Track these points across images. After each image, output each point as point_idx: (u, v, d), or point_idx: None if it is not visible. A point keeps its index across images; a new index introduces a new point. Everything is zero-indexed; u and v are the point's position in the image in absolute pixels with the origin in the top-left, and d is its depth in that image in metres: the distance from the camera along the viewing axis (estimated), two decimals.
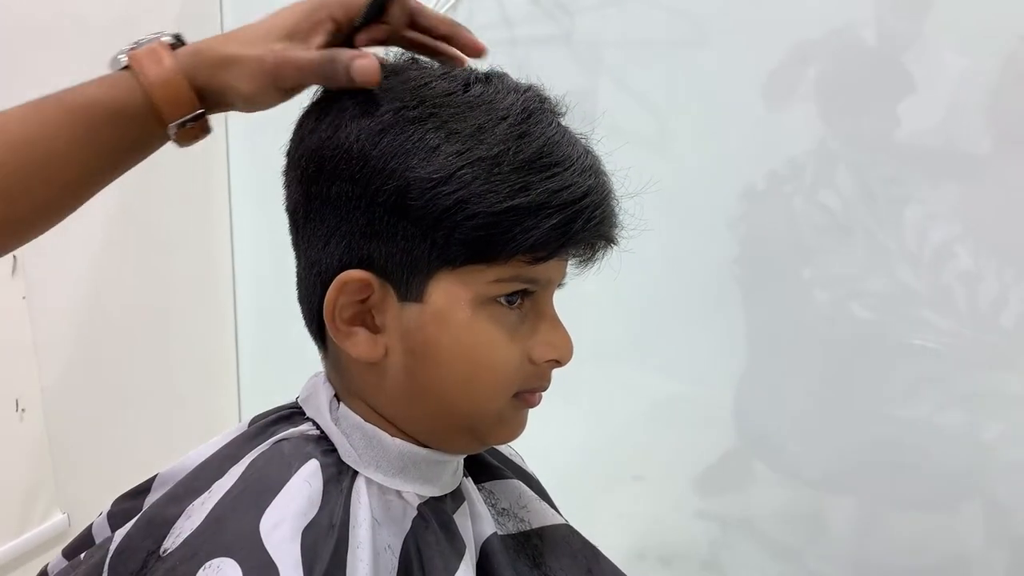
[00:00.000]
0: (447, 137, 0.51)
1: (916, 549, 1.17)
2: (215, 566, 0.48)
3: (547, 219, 0.51)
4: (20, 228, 0.56)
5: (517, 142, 0.52)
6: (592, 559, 0.64)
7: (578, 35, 1.29)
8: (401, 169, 0.51)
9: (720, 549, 1.34)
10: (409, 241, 0.52)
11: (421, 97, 0.53)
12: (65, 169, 0.55)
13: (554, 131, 0.54)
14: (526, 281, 0.55)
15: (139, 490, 0.63)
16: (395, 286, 0.54)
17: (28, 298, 1.27)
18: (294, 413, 0.61)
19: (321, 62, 0.54)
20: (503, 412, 0.58)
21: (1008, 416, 1.11)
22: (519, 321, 0.56)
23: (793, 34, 1.13)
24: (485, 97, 0.54)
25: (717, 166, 1.19)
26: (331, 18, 0.57)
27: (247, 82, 0.55)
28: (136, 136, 0.56)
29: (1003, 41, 1.02)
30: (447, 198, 0.50)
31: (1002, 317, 1.08)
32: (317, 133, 0.54)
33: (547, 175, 0.52)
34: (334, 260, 0.54)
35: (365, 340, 0.55)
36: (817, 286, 1.19)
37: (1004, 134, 1.05)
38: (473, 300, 0.54)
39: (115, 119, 0.55)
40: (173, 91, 0.55)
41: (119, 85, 0.55)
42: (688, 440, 1.34)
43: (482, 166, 0.51)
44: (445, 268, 0.53)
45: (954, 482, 1.14)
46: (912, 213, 1.12)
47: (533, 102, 0.55)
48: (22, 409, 1.27)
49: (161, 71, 0.55)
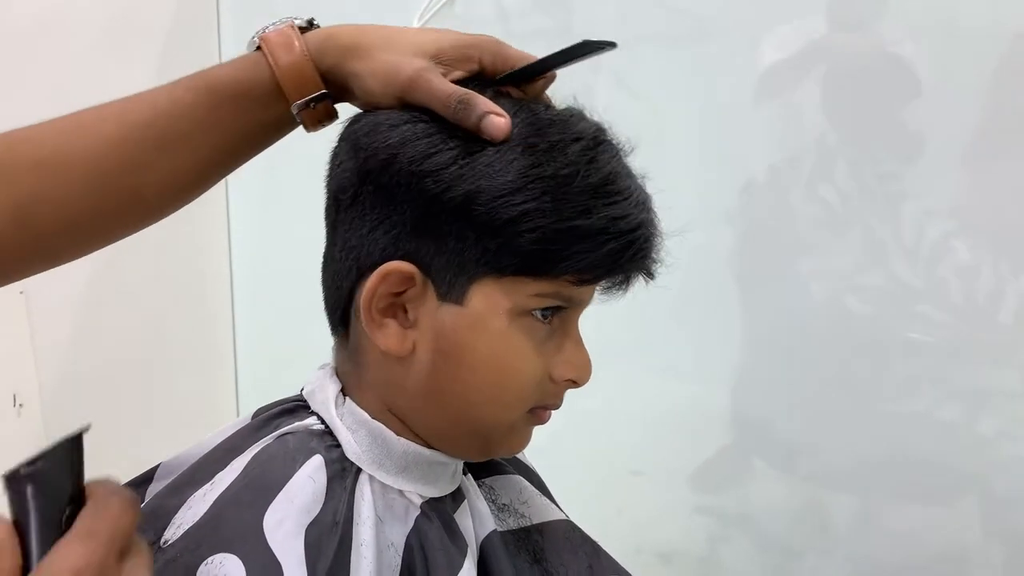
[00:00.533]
0: (523, 151, 0.53)
1: (914, 544, 1.17)
2: (217, 562, 0.48)
3: (603, 244, 0.53)
4: (143, 208, 0.58)
5: (587, 166, 0.53)
6: (592, 554, 0.64)
7: (576, 30, 1.29)
8: (473, 176, 0.52)
9: (718, 545, 1.35)
10: (462, 243, 0.52)
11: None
12: (190, 148, 0.56)
13: (618, 162, 0.56)
14: (564, 299, 0.56)
15: (142, 479, 0.63)
16: (436, 285, 0.54)
17: (26, 293, 1.27)
18: (299, 406, 0.61)
19: (457, 100, 0.54)
20: (516, 424, 0.59)
21: (1006, 411, 1.11)
22: (547, 337, 0.57)
23: (792, 30, 1.13)
24: (561, 117, 0.56)
25: (715, 161, 1.19)
26: (479, 60, 0.57)
27: (375, 81, 0.56)
28: (261, 117, 0.58)
29: (1000, 38, 1.02)
30: (514, 209, 0.51)
31: (1000, 312, 1.08)
32: (397, 130, 0.54)
33: (609, 202, 0.53)
34: (377, 249, 0.54)
35: (395, 333, 0.55)
36: (815, 280, 1.19)
37: (1001, 130, 1.06)
38: (511, 310, 0.54)
39: (240, 99, 0.57)
40: (298, 70, 0.56)
41: (247, 65, 0.57)
42: (686, 436, 1.34)
43: (552, 183, 0.52)
44: (491, 275, 0.53)
45: (952, 477, 1.14)
46: (910, 208, 1.12)
47: (603, 132, 0.57)
48: (20, 404, 1.27)
49: (288, 51, 0.56)
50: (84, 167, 0.55)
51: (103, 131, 0.55)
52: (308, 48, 0.56)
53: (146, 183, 0.56)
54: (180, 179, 0.58)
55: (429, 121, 0.54)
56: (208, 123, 0.56)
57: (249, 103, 0.57)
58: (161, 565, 0.50)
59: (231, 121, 0.57)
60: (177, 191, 0.59)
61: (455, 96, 0.53)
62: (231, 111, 0.56)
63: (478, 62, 0.57)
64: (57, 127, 0.56)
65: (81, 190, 0.55)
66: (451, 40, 0.57)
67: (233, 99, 0.56)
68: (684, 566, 1.36)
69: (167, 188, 0.58)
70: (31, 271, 0.57)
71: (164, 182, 0.57)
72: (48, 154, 0.55)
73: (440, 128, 0.54)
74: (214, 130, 0.56)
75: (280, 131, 0.60)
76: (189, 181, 0.59)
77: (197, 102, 0.56)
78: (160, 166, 0.56)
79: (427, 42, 0.57)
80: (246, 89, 0.56)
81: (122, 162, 0.55)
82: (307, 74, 0.56)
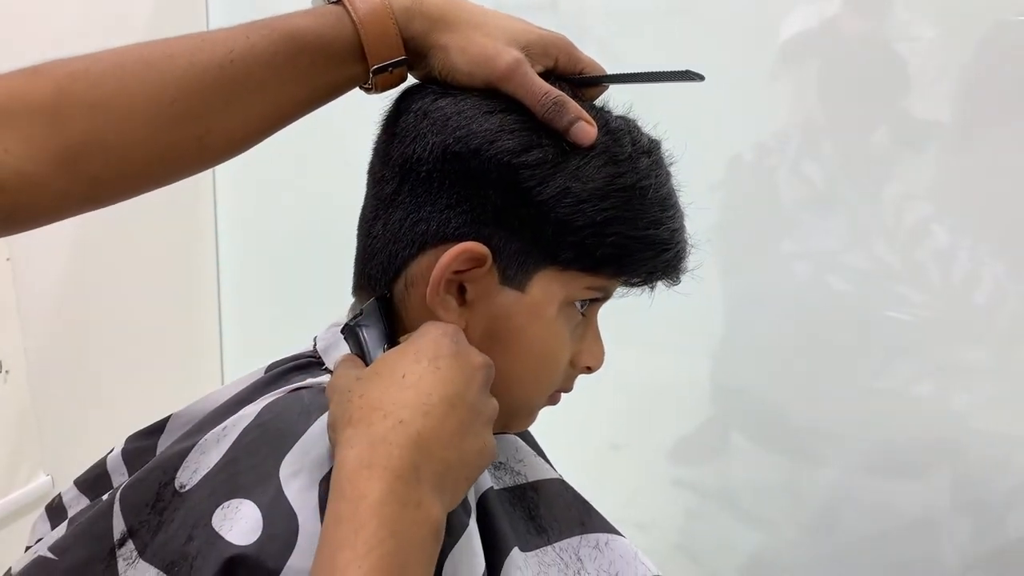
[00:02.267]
0: (608, 159, 0.55)
1: (887, 515, 1.20)
2: (233, 506, 0.49)
3: (662, 253, 0.57)
4: (205, 156, 0.54)
5: (657, 179, 0.57)
6: (584, 512, 0.66)
7: (564, 4, 1.30)
8: (564, 176, 0.54)
9: (696, 518, 1.37)
10: (538, 235, 0.54)
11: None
12: (263, 97, 0.54)
13: (671, 176, 0.59)
14: (605, 293, 0.59)
15: (152, 429, 0.64)
16: (502, 269, 0.55)
17: (12, 259, 1.26)
18: (312, 362, 0.61)
19: (550, 99, 0.54)
20: (538, 406, 0.62)
21: (977, 388, 1.14)
22: (576, 325, 0.59)
23: (779, 9, 1.14)
24: (628, 127, 0.58)
25: (702, 136, 1.20)
26: (556, 59, 0.58)
27: (463, 59, 0.55)
28: (335, 74, 0.55)
29: (981, 25, 1.04)
30: (599, 214, 0.54)
31: (974, 294, 1.11)
32: (492, 118, 0.54)
33: (670, 214, 0.57)
34: (449, 226, 0.54)
35: (454, 309, 0.55)
36: (796, 258, 1.22)
37: (981, 116, 1.08)
38: (563, 300, 0.56)
39: (318, 53, 0.54)
40: (383, 34, 0.54)
41: (330, 20, 0.54)
42: (665, 410, 1.36)
43: (632, 193, 0.55)
44: (555, 266, 0.55)
45: (924, 450, 1.17)
46: (891, 191, 1.15)
47: (659, 146, 0.60)
48: (6, 371, 1.27)
49: (374, 13, 0.54)
50: (147, 112, 0.50)
51: (172, 70, 0.50)
52: (394, 11, 0.54)
53: (212, 130, 0.53)
54: (248, 129, 0.55)
55: (519, 113, 0.54)
56: (285, 73, 0.53)
57: (326, 58, 0.54)
58: (183, 513, 0.50)
59: (307, 74, 0.54)
60: (241, 141, 0.55)
61: (551, 96, 0.54)
62: (308, 64, 0.54)
63: (555, 61, 0.57)
64: (117, 61, 0.50)
65: (142, 136, 0.50)
66: (538, 34, 0.57)
67: (311, 53, 0.53)
68: (662, 538, 1.39)
69: (233, 137, 0.54)
70: (72, 214, 0.52)
71: (231, 131, 0.54)
72: (107, 95, 0.50)
73: (529, 123, 0.54)
74: (290, 82, 0.54)
75: (345, 89, 0.57)
76: (256, 131, 0.55)
77: (276, 50, 0.52)
78: (230, 114, 0.53)
79: (519, 31, 0.56)
80: (326, 43, 0.54)
81: (190, 107, 0.51)
82: (391, 38, 0.54)
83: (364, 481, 0.44)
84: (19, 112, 0.48)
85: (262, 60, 0.52)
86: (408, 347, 0.51)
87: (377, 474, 0.44)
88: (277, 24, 0.53)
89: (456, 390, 0.49)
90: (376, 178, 0.59)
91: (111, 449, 0.65)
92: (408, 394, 0.47)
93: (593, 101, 0.60)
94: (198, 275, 1.65)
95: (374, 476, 0.44)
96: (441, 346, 0.50)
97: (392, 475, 0.44)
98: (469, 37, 0.55)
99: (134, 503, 0.54)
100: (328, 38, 0.54)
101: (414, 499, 0.44)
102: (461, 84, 0.56)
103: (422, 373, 0.48)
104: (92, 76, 0.50)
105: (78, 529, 0.56)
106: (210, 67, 0.51)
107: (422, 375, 0.48)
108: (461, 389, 0.49)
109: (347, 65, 0.55)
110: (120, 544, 0.53)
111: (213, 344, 1.69)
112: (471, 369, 0.51)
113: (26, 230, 0.51)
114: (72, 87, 0.49)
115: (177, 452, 0.55)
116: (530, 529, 0.63)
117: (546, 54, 0.57)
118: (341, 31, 0.54)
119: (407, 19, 0.55)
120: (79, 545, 0.54)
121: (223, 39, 0.52)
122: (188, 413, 0.62)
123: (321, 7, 0.55)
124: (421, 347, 0.50)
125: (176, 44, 0.52)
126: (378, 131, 0.60)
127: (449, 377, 0.49)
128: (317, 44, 0.54)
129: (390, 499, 0.43)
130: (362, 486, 0.44)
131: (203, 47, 0.51)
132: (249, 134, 0.55)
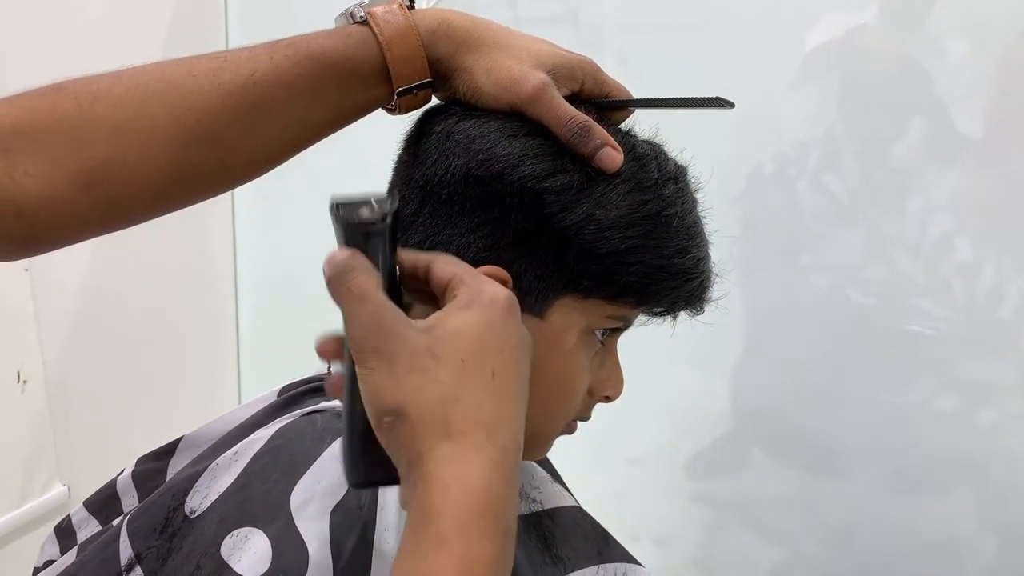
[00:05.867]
0: (634, 187, 0.54)
1: (909, 533, 1.18)
2: (243, 535, 0.48)
3: (687, 283, 0.56)
4: (226, 178, 0.53)
5: (683, 207, 0.55)
6: (602, 542, 0.65)
7: (583, 15, 1.29)
8: (589, 203, 0.52)
9: (715, 533, 1.36)
10: (559, 262, 0.53)
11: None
12: (287, 119, 0.52)
13: (696, 203, 0.58)
14: (626, 322, 0.57)
15: (164, 451, 0.64)
16: (520, 296, 0.53)
17: (31, 270, 1.27)
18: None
19: (576, 123, 0.53)
20: (554, 436, 0.60)
21: (1002, 404, 1.12)
22: (595, 354, 0.57)
23: (800, 21, 1.13)
24: (654, 152, 0.57)
25: (721, 149, 1.19)
26: (582, 83, 0.56)
27: (488, 80, 0.54)
28: (359, 95, 0.54)
29: (1003, 36, 1.02)
30: (624, 242, 0.53)
31: (999, 307, 1.09)
32: (515, 141, 0.53)
33: (695, 243, 0.56)
34: (469, 250, 0.53)
35: None
36: (816, 271, 1.20)
37: (1004, 127, 1.06)
38: (583, 329, 0.55)
39: (344, 75, 0.53)
40: (407, 53, 0.53)
41: (355, 41, 0.53)
42: (683, 423, 1.35)
43: (658, 221, 0.54)
44: (576, 294, 0.54)
45: (947, 467, 1.15)
46: (913, 204, 1.13)
47: (685, 172, 0.58)
48: (24, 381, 1.27)
49: (400, 33, 0.53)
50: (168, 133, 0.49)
51: (194, 91, 0.50)
52: (420, 32, 0.53)
53: (235, 151, 0.51)
54: (270, 150, 0.54)
55: (543, 138, 0.53)
56: (308, 95, 0.52)
57: (351, 80, 0.53)
58: (192, 539, 0.50)
59: (332, 96, 0.53)
60: (263, 162, 0.54)
61: (577, 121, 0.52)
62: (333, 86, 0.52)
63: (580, 85, 0.56)
64: (139, 80, 0.50)
65: (163, 157, 0.49)
66: (564, 57, 0.56)
67: (336, 74, 0.52)
68: (681, 553, 1.37)
69: (255, 159, 0.53)
70: (92, 236, 0.51)
71: (253, 152, 0.53)
72: (129, 116, 0.48)
73: (554, 147, 0.53)
74: (314, 103, 0.52)
75: (369, 110, 0.56)
76: (278, 152, 0.54)
77: (300, 71, 0.51)
78: (252, 135, 0.52)
79: (544, 54, 0.55)
80: (352, 65, 0.52)
81: (213, 129, 0.50)
82: (417, 60, 0.53)
83: (477, 537, 0.39)
84: (41, 134, 0.47)
85: (286, 81, 0.51)
86: (487, 332, 0.44)
87: (491, 529, 0.40)
88: (301, 44, 0.52)
89: (525, 391, 0.46)
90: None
91: (121, 470, 0.65)
92: (505, 407, 0.44)
93: (619, 125, 0.58)
94: (216, 289, 1.66)
95: (487, 533, 0.40)
96: (511, 331, 0.45)
97: (503, 535, 0.41)
98: (495, 59, 0.54)
99: (143, 528, 0.53)
100: (354, 60, 0.53)
101: (509, 557, 0.41)
102: (486, 106, 0.55)
103: (507, 374, 0.44)
104: (114, 97, 0.49)
105: (86, 556, 0.56)
106: (233, 88, 0.50)
107: (508, 377, 0.44)
108: (527, 388, 0.46)
109: (372, 87, 0.54)
110: (128, 570, 0.52)
111: (230, 354, 1.69)
112: (527, 359, 0.47)
113: (45, 252, 0.50)
114: (93, 107, 0.48)
115: (188, 476, 0.54)
116: (545, 559, 0.62)
117: (572, 77, 0.56)
118: (367, 53, 0.53)
119: (433, 40, 0.54)
120: (86, 571, 0.54)
121: (246, 59, 0.51)
122: (200, 435, 0.62)
123: (346, 27, 0.54)
124: (500, 334, 0.45)
125: (198, 64, 0.51)
126: (399, 151, 0.60)
127: (522, 376, 0.46)
128: (343, 66, 0.52)
129: (502, 557, 0.40)
130: (475, 543, 0.39)
131: (226, 68, 0.50)
132: (271, 155, 0.54)
